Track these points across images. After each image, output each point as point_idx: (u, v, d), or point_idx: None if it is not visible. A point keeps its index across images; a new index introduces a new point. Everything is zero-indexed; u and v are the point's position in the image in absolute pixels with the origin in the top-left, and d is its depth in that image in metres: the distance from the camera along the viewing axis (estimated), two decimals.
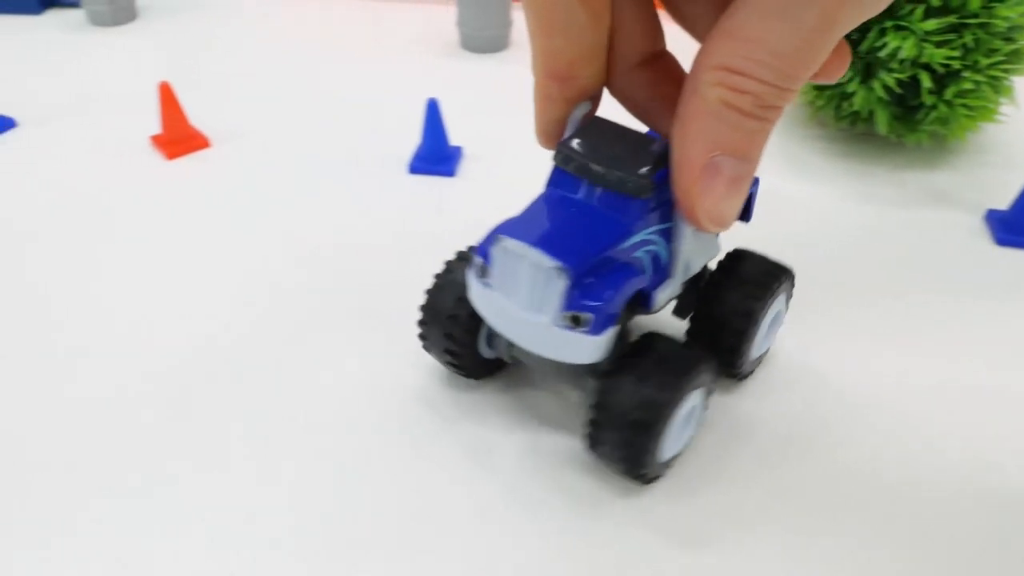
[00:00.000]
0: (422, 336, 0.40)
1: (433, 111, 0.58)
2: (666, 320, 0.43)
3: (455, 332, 0.38)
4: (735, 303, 0.39)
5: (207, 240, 0.53)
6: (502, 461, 0.39)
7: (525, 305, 0.33)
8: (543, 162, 0.35)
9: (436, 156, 0.59)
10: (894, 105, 0.57)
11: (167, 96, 0.61)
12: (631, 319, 0.37)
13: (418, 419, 0.40)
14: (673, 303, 0.42)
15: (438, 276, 0.40)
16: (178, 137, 0.61)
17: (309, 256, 0.51)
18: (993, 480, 0.38)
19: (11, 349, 0.45)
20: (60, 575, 0.34)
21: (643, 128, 0.34)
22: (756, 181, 0.40)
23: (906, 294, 0.48)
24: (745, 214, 0.40)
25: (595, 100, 0.34)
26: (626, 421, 0.34)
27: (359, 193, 0.57)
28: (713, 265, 0.40)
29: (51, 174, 0.60)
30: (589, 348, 0.33)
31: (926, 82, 0.54)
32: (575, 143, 0.33)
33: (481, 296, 0.35)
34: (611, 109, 0.34)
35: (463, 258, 0.40)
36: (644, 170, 0.32)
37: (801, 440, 0.40)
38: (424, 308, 0.40)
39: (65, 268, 0.51)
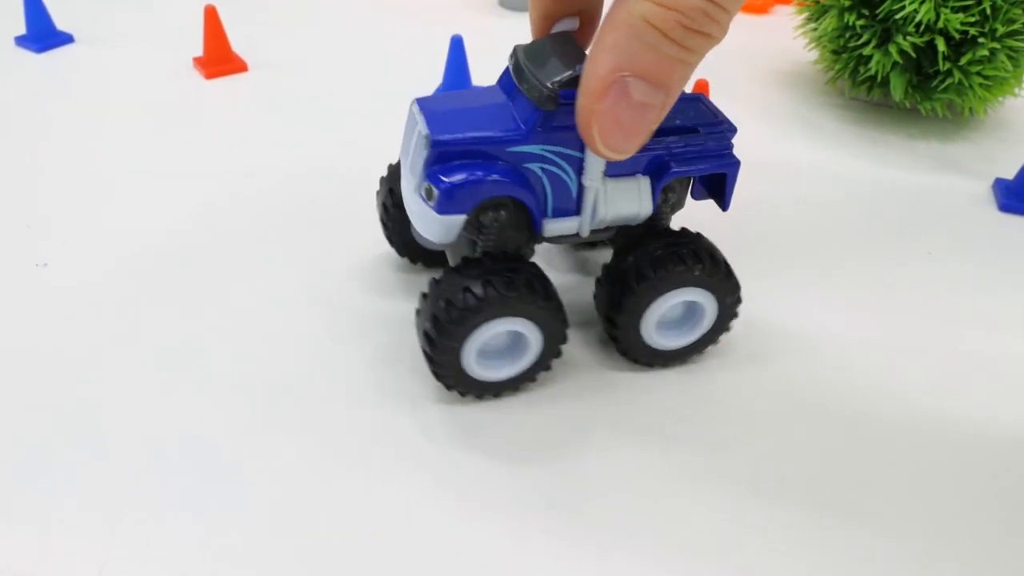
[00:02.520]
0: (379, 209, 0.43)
1: (456, 48, 0.60)
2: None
3: (388, 201, 0.41)
4: (629, 264, 0.36)
5: (224, 150, 0.56)
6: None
7: (409, 168, 0.34)
8: None
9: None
10: (911, 72, 0.58)
11: (211, 19, 0.64)
12: (528, 243, 0.36)
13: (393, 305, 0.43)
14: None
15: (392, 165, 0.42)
16: (218, 59, 0.65)
17: (316, 172, 0.54)
18: (969, 433, 0.38)
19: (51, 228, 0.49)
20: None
21: None
22: (737, 163, 0.36)
23: (901, 253, 0.49)
24: (722, 200, 0.37)
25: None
26: (429, 313, 0.34)
27: (377, 122, 0.60)
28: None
29: (98, 84, 0.64)
30: (433, 225, 0.33)
31: (941, 47, 0.54)
32: (528, 48, 0.33)
33: (402, 158, 0.36)
34: None
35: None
36: (552, 82, 0.31)
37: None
38: (382, 179, 0.42)
39: (94, 161, 0.54)
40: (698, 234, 0.37)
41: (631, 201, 0.35)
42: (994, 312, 0.44)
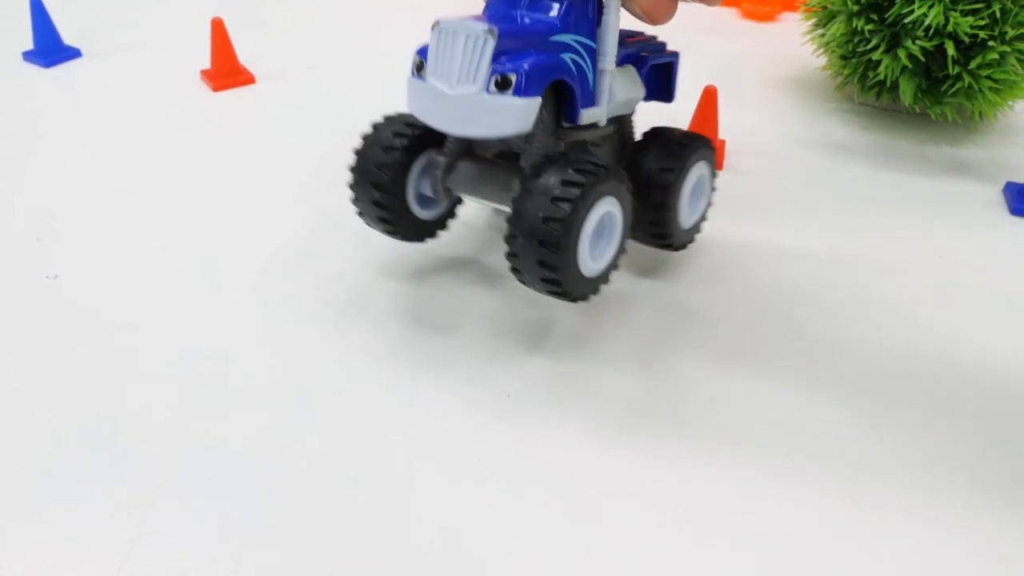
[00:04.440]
0: (354, 200, 0.41)
1: None
2: None
3: (382, 182, 0.40)
4: (652, 171, 0.42)
5: (235, 162, 0.56)
6: (473, 339, 0.40)
7: (457, 79, 0.35)
8: None
9: None
10: (920, 76, 0.57)
11: (219, 32, 0.64)
12: (560, 144, 0.39)
13: (407, 304, 0.43)
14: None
15: (365, 136, 0.41)
16: (225, 71, 0.65)
17: (326, 182, 0.54)
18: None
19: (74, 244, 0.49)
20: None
21: None
22: (676, 54, 0.44)
23: (912, 258, 0.48)
24: (668, 93, 0.44)
25: None
26: (536, 224, 0.35)
27: None
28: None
29: (106, 98, 0.64)
30: (515, 113, 0.35)
31: (951, 51, 0.54)
32: None
33: (416, 94, 0.37)
34: None
35: (390, 120, 0.42)
36: None
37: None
38: (353, 168, 0.41)
39: (103, 175, 0.55)
40: (667, 128, 0.44)
41: (633, 83, 0.41)
42: (1006, 316, 0.44)
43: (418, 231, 0.43)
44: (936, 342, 0.42)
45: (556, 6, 0.36)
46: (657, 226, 0.42)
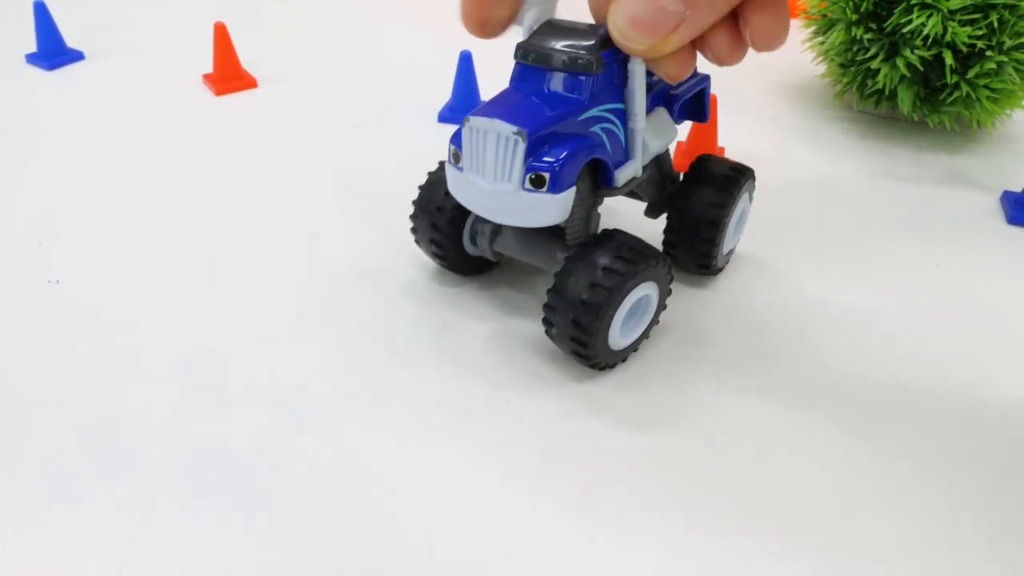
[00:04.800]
0: (413, 229, 0.43)
1: (466, 63, 0.61)
2: (642, 225, 0.45)
3: (440, 224, 0.41)
4: (704, 206, 0.42)
5: (237, 167, 0.56)
6: (470, 343, 0.41)
7: (493, 177, 0.35)
8: None
9: (466, 107, 0.62)
10: (918, 85, 0.58)
11: (221, 36, 0.65)
12: (599, 203, 0.39)
13: (403, 305, 0.43)
14: (644, 205, 0.45)
15: (431, 173, 0.42)
16: (228, 76, 0.65)
17: (331, 183, 0.54)
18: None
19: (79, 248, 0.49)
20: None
21: None
22: (707, 78, 0.43)
23: (909, 266, 0.48)
24: (701, 113, 0.44)
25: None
26: (574, 304, 0.36)
27: (388, 136, 0.60)
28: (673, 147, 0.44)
29: (108, 101, 0.64)
30: (551, 207, 0.35)
31: (949, 60, 0.54)
32: (532, 39, 0.36)
33: (456, 182, 0.38)
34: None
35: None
36: (591, 46, 0.35)
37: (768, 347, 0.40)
38: (416, 202, 0.42)
39: (105, 179, 0.55)
40: (714, 157, 0.44)
41: (665, 127, 0.40)
42: (1003, 325, 0.44)
43: (470, 266, 0.44)
44: (934, 352, 0.42)
45: (579, 82, 0.35)
46: (704, 256, 0.43)
